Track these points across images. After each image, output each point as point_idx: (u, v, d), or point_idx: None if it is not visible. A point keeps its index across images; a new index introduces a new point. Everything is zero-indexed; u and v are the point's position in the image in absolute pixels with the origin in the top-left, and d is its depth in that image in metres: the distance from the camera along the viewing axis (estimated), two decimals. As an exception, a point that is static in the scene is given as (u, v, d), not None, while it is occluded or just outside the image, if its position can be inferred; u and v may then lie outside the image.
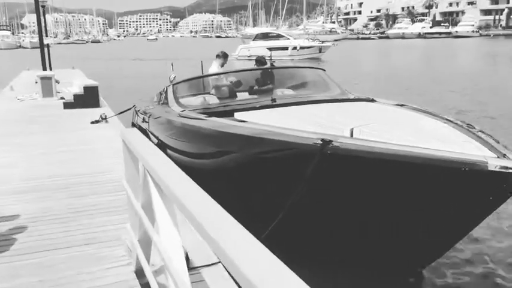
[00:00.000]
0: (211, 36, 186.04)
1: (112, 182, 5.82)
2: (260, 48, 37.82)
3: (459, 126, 4.40)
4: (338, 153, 3.78)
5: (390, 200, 3.81)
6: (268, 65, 8.30)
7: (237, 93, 7.89)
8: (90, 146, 7.91)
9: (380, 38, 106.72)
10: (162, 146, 7.03)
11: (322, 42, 46.42)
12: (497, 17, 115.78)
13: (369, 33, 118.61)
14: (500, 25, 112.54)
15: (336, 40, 49.54)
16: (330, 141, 3.84)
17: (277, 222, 4.36)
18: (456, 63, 39.14)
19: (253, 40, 46.85)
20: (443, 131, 4.24)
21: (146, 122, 8.50)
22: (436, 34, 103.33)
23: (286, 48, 42.51)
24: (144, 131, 8.70)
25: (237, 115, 5.68)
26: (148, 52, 65.81)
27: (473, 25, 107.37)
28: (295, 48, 42.82)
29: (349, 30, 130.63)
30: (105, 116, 9.86)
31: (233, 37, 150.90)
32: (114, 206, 4.99)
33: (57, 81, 15.05)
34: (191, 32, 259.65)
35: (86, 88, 12.24)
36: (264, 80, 7.79)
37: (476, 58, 43.41)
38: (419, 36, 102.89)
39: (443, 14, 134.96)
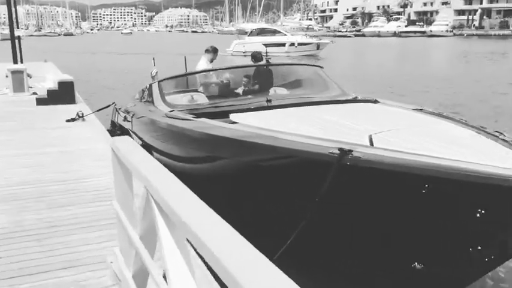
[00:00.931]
0: (187, 31, 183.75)
1: (94, 191, 5.23)
2: (256, 44, 36.32)
3: (490, 135, 3.96)
4: (359, 165, 3.30)
5: (425, 220, 3.32)
6: (263, 62, 7.78)
7: (228, 92, 7.35)
8: (67, 147, 7.25)
9: (356, 36, 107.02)
10: (146, 148, 6.46)
11: (320, 38, 44.84)
12: (470, 17, 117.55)
13: (345, 31, 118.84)
14: (474, 25, 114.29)
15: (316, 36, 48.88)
16: (349, 150, 3.35)
17: (289, 243, 3.84)
18: (433, 62, 39.35)
19: (249, 36, 45.00)
20: (477, 140, 3.79)
21: (128, 121, 7.89)
22: (411, 33, 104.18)
23: (283, 45, 41.12)
24: (126, 131, 8.09)
25: (232, 117, 5.15)
26: (123, 46, 64.26)
27: (447, 25, 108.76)
28: (292, 44, 41.55)
29: (326, 27, 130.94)
30: (82, 113, 9.19)
31: (209, 32, 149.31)
32: (97, 219, 4.42)
33: (29, 76, 14.18)
34: (166, 26, 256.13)
35: (60, 83, 11.48)
36: (259, 78, 7.27)
37: (453, 57, 43.75)
38: (395, 34, 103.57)
39: (418, 13, 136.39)
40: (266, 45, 16.14)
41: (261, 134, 4.19)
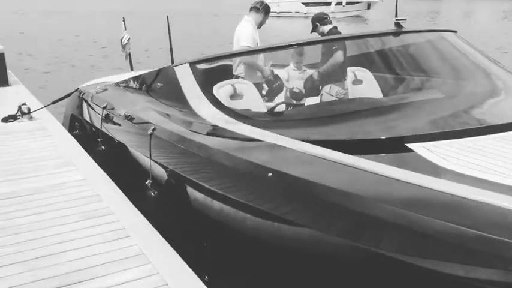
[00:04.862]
0: None
1: None
2: (294, 3, 30.20)
3: None
4: None
5: None
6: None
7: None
8: (13, 185, 3.75)
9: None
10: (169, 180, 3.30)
11: None
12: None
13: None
14: None
15: None
16: None
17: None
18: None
19: None
20: None
21: (115, 123, 4.46)
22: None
23: (328, 3, 33.00)
24: (102, 136, 4.69)
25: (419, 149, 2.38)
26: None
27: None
28: (339, 3, 33.73)
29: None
30: (28, 108, 5.56)
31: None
32: None
33: None
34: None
35: (-18, 56, 7.62)
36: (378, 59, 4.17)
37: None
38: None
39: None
40: (306, 4, 12.44)
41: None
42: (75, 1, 54.73)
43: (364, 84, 4.62)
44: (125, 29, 7.07)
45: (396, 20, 3.94)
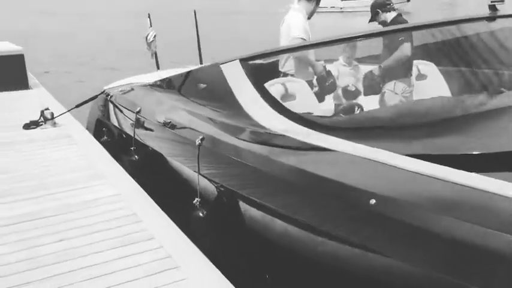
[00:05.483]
0: None
1: None
2: None
3: None
4: None
5: None
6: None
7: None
8: (41, 203, 3.27)
9: None
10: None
11: None
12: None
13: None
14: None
15: None
16: None
17: None
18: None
19: None
20: None
21: (154, 132, 3.93)
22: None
23: None
24: (138, 143, 4.15)
25: None
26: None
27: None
28: None
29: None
30: (52, 113, 5.10)
31: None
32: None
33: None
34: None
35: (2, 58, 7.22)
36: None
37: None
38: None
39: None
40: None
41: None
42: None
43: (428, 80, 4.04)
44: (151, 26, 6.63)
45: (492, 1, 3.32)
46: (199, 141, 2.88)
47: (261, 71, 3.73)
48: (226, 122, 2.96)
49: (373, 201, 1.87)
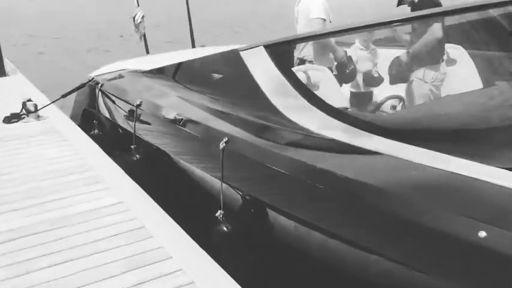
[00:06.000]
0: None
1: None
2: None
3: None
4: None
5: None
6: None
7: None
8: (36, 206, 2.83)
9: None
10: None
11: None
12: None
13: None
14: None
15: None
16: None
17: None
18: None
19: None
20: None
21: (161, 130, 3.47)
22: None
23: None
24: (140, 141, 3.69)
25: None
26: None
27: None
28: None
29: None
30: (35, 105, 4.59)
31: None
32: None
33: None
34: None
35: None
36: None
37: None
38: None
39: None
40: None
41: None
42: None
43: (458, 67, 3.69)
44: (138, 5, 6.10)
45: None
46: (224, 145, 2.46)
47: (289, 59, 3.33)
48: (252, 119, 2.55)
49: (483, 234, 1.50)
